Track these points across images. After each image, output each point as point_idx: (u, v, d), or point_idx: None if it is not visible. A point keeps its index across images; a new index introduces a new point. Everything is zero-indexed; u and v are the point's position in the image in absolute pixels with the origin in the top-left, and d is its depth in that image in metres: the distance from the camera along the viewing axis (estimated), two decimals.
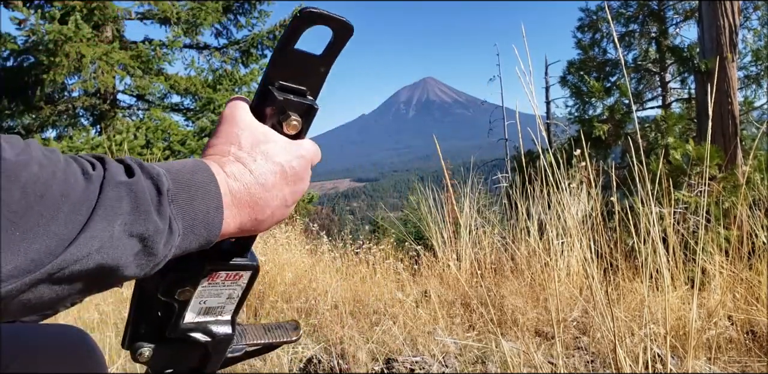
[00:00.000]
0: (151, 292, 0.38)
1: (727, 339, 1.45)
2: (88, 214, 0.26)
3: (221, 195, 0.33)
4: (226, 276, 0.39)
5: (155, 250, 0.29)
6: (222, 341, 0.40)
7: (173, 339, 0.39)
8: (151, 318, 0.39)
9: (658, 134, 5.85)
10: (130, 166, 0.30)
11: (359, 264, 2.40)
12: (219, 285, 0.39)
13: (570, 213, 1.61)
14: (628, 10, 7.32)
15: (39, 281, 0.25)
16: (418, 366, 1.38)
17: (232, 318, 0.41)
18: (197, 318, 0.39)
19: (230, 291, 0.39)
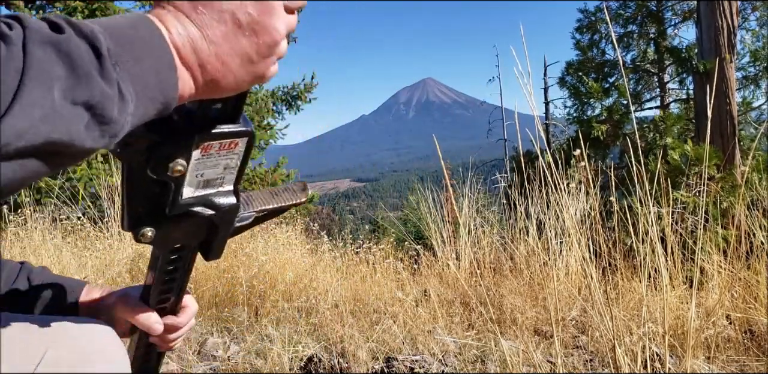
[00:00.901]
0: (141, 171, 0.35)
1: (726, 338, 1.46)
2: (17, 80, 0.22)
3: (171, 51, 0.29)
4: (219, 146, 0.36)
5: (108, 119, 0.26)
6: (228, 212, 0.39)
7: (176, 216, 0.38)
8: (146, 198, 0.37)
9: (656, 134, 5.86)
10: (55, 23, 0.25)
11: (359, 264, 2.40)
12: (214, 156, 0.36)
13: (569, 213, 1.62)
14: (627, 11, 7.33)
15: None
16: (418, 364, 1.38)
17: (235, 187, 0.39)
18: (197, 192, 0.38)
19: (227, 161, 0.37)
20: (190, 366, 1.42)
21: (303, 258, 2.39)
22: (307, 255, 2.49)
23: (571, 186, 1.92)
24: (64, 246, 2.26)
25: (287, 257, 2.27)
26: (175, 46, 0.29)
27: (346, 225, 4.92)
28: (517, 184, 2.30)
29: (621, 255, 1.74)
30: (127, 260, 2.13)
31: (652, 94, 7.68)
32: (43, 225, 2.47)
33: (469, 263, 2.23)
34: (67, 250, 2.21)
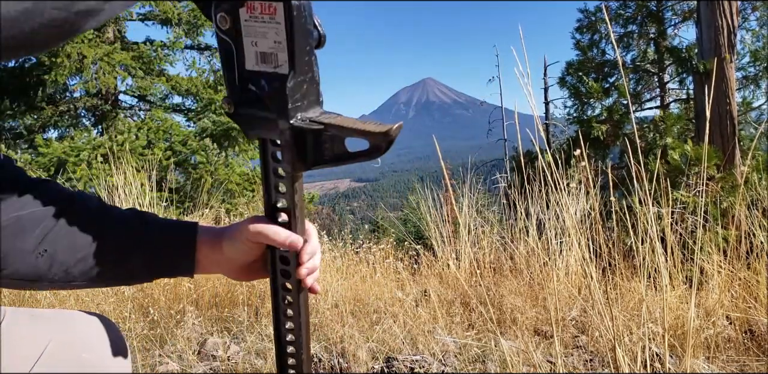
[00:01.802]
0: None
1: (726, 338, 1.46)
2: None
3: None
4: (261, 7, 0.38)
5: None
6: (277, 92, 0.39)
7: (244, 89, 0.40)
8: (224, 61, 0.40)
9: (656, 134, 5.86)
10: None
11: (359, 264, 2.40)
12: (259, 19, 0.38)
13: (569, 213, 1.62)
14: (627, 11, 7.33)
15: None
16: (418, 364, 1.38)
17: (290, 70, 0.39)
18: (257, 67, 0.40)
19: (274, 31, 0.38)
20: (191, 366, 1.43)
21: None
22: None
23: (571, 186, 1.92)
24: None
25: None
26: None
27: (346, 225, 4.93)
28: (517, 184, 2.30)
29: (621, 255, 1.74)
30: None
31: (652, 94, 7.68)
32: None
33: (469, 263, 2.23)
34: None
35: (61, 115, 6.09)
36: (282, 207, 0.45)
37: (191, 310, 1.77)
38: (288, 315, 0.49)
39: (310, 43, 0.40)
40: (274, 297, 0.49)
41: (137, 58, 5.82)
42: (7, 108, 5.65)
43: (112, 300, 1.79)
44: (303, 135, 0.41)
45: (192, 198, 4.65)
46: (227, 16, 0.39)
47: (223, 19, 0.39)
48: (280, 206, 0.45)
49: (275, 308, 0.49)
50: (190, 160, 5.52)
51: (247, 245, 0.46)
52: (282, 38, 0.38)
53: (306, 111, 0.41)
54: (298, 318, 0.50)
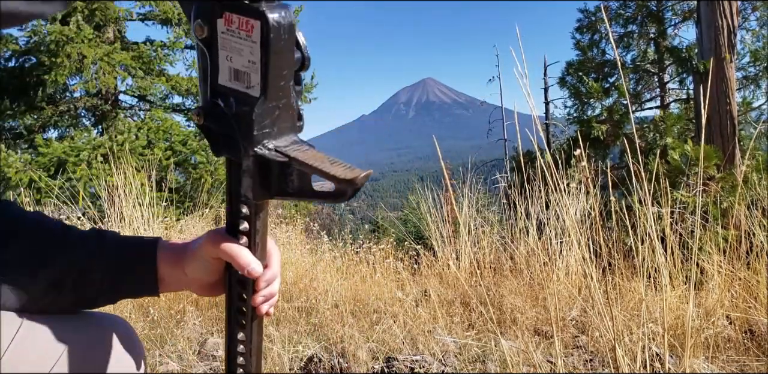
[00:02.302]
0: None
1: (726, 338, 1.46)
2: None
3: None
4: (239, 22, 0.36)
5: None
6: (242, 114, 0.37)
7: (214, 104, 0.38)
8: (201, 70, 0.39)
9: (656, 134, 5.86)
10: None
11: (359, 264, 2.40)
12: (236, 34, 0.36)
13: (568, 213, 1.62)
14: (627, 11, 7.33)
15: None
16: (418, 364, 1.38)
17: (262, 95, 0.37)
18: (229, 83, 0.38)
19: (249, 49, 0.36)
20: (191, 366, 1.43)
21: (303, 258, 2.39)
22: (307, 255, 2.49)
23: (571, 186, 1.92)
24: None
25: (287, 257, 2.27)
26: None
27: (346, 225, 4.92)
28: (517, 184, 2.30)
29: (621, 255, 1.74)
30: None
31: (653, 94, 7.68)
32: None
33: (469, 263, 2.23)
34: None
35: (61, 115, 6.09)
36: (243, 230, 0.43)
37: (191, 310, 1.77)
38: (240, 338, 0.46)
39: (287, 67, 0.37)
40: (228, 319, 0.47)
41: (137, 58, 5.81)
42: (7, 108, 5.65)
43: None
44: (267, 163, 0.39)
45: (192, 198, 4.65)
46: (204, 25, 0.37)
47: (199, 28, 0.38)
48: (241, 229, 0.43)
49: (228, 330, 0.47)
50: (190, 159, 5.52)
51: (210, 262, 0.44)
52: (257, 59, 0.36)
53: (276, 138, 0.39)
54: (249, 344, 0.47)
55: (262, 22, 0.35)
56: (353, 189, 0.36)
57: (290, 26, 0.36)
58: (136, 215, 2.45)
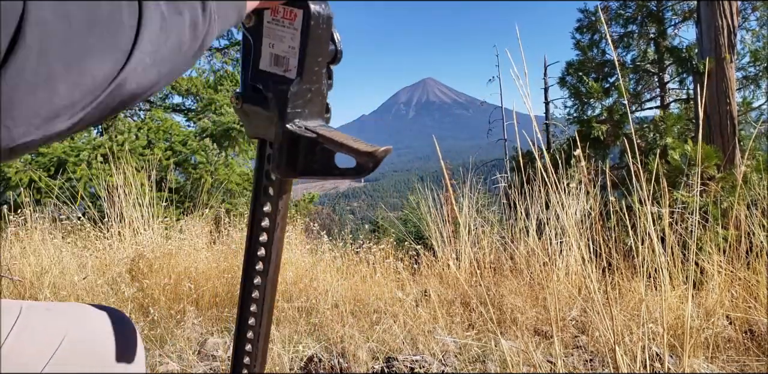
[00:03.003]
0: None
1: (726, 338, 1.46)
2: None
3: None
4: (284, 11, 0.40)
5: (200, 17, 0.30)
6: (280, 92, 0.41)
7: (253, 87, 0.42)
8: (244, 57, 0.43)
9: (656, 134, 5.86)
10: None
11: (359, 264, 2.40)
12: (280, 23, 0.41)
13: (568, 213, 1.62)
14: (627, 11, 7.33)
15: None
16: (418, 364, 1.38)
17: (298, 76, 0.41)
18: (268, 68, 0.42)
19: (290, 35, 0.41)
20: (191, 366, 1.43)
21: (303, 258, 2.39)
22: (307, 255, 2.49)
23: (571, 186, 1.92)
24: (63, 246, 2.27)
25: (287, 257, 2.27)
26: None
27: (346, 225, 4.92)
28: (517, 184, 2.30)
29: (621, 255, 1.74)
30: (127, 260, 2.13)
31: (653, 94, 7.68)
32: (43, 226, 2.47)
33: (469, 263, 2.23)
34: (67, 250, 2.21)
35: None
36: (266, 211, 0.47)
37: (191, 310, 1.77)
38: (249, 337, 0.51)
39: (322, 55, 0.42)
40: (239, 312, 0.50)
41: None
42: None
43: (112, 300, 1.79)
44: (297, 141, 0.42)
45: (192, 198, 4.65)
46: (252, 14, 0.42)
47: (247, 17, 0.42)
48: (265, 210, 0.47)
49: (238, 325, 0.51)
50: (190, 159, 5.52)
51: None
52: (296, 44, 0.41)
53: (305, 119, 0.42)
54: (257, 342, 0.51)
55: (305, 10, 0.40)
56: (374, 162, 0.39)
57: (328, 18, 0.41)
58: (136, 215, 2.45)
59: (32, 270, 1.96)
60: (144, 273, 1.99)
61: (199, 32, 0.31)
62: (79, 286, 1.85)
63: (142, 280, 1.91)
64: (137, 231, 2.42)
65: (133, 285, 1.90)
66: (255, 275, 0.49)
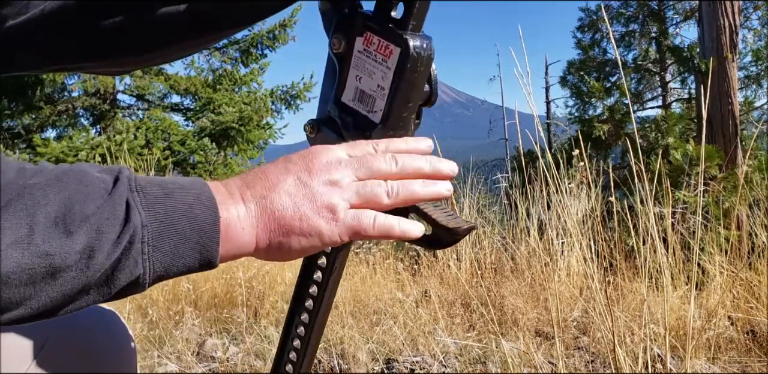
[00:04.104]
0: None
1: (728, 339, 1.45)
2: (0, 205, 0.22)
3: (213, 196, 0.27)
4: (378, 44, 0.35)
5: (100, 247, 0.23)
6: (361, 138, 0.36)
7: (330, 118, 0.38)
8: (328, 82, 0.39)
9: (658, 134, 5.85)
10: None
11: (359, 264, 2.40)
12: (372, 55, 0.35)
13: (570, 214, 1.61)
14: (628, 10, 7.32)
15: None
16: (419, 366, 1.38)
17: (382, 122, 0.36)
18: (352, 103, 0.37)
19: (381, 72, 0.35)
20: (189, 367, 1.42)
21: (302, 258, 2.38)
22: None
23: (571, 186, 1.91)
24: None
25: None
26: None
27: None
28: (518, 184, 2.29)
29: (622, 255, 1.73)
30: None
31: (654, 94, 7.67)
32: None
33: (469, 264, 2.22)
34: None
35: (59, 115, 6.08)
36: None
37: (190, 311, 1.76)
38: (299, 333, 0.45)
39: (414, 100, 0.36)
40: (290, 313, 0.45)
41: None
42: (5, 107, 5.65)
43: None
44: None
45: None
46: (342, 39, 0.37)
47: (337, 41, 0.37)
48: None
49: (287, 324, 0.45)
50: (188, 159, 5.51)
51: None
52: (386, 85, 0.35)
53: None
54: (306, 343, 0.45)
55: (403, 49, 0.34)
56: (452, 238, 0.35)
57: (429, 59, 0.35)
58: None
59: None
60: None
61: (96, 263, 0.23)
62: None
63: None
64: None
65: None
66: (316, 269, 0.43)
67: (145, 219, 0.25)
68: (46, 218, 0.23)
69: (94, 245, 0.23)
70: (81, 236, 0.23)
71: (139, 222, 0.25)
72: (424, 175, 0.34)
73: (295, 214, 0.29)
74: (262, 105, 6.21)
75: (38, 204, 0.23)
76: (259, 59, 6.84)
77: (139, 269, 0.25)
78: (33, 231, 0.22)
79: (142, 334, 1.56)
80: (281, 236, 0.29)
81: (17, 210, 0.22)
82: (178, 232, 0.26)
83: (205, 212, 0.27)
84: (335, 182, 0.31)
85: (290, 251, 0.30)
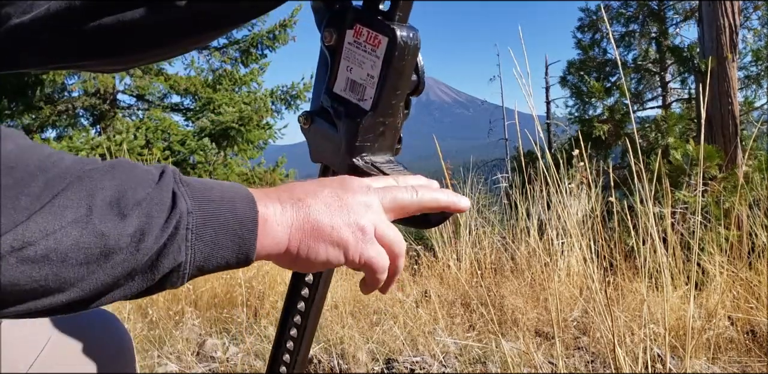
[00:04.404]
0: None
1: (727, 339, 1.45)
2: (63, 187, 0.23)
3: (252, 193, 0.29)
4: (367, 35, 0.37)
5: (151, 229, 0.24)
6: (350, 124, 0.38)
7: (323, 109, 0.40)
8: (319, 76, 0.40)
9: (658, 134, 5.85)
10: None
11: None
12: (362, 46, 0.37)
13: (570, 214, 1.61)
14: (628, 10, 7.32)
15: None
16: (419, 366, 1.38)
17: (372, 110, 0.38)
18: (343, 93, 0.39)
19: (370, 62, 0.37)
20: (189, 367, 1.42)
21: None
22: None
23: (571, 186, 1.91)
24: None
25: None
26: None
27: None
28: (518, 184, 2.29)
29: (622, 255, 1.73)
30: None
31: (654, 94, 7.67)
32: None
33: (469, 264, 2.22)
34: None
35: (59, 115, 6.08)
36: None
37: (190, 311, 1.76)
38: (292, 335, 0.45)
39: (402, 87, 0.39)
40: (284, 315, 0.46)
41: None
42: (5, 108, 5.65)
43: None
44: (360, 176, 0.39)
45: None
46: (333, 32, 0.39)
47: (328, 34, 0.39)
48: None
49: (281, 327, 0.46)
50: (188, 159, 5.51)
51: None
52: (376, 74, 0.37)
53: (374, 154, 0.40)
54: (299, 346, 0.46)
55: (390, 38, 0.36)
56: (441, 216, 0.36)
57: (415, 48, 0.37)
58: None
59: None
60: None
61: (145, 247, 0.24)
62: None
63: None
64: None
65: None
66: (299, 300, 0.45)
67: (190, 207, 0.26)
68: (102, 201, 0.24)
69: (145, 228, 0.24)
70: (133, 219, 0.24)
71: (185, 209, 0.26)
72: (440, 206, 0.36)
73: (328, 222, 0.30)
74: (262, 105, 6.21)
75: (96, 188, 0.24)
76: (259, 59, 6.84)
77: (182, 256, 0.26)
78: (92, 211, 0.23)
79: (142, 334, 1.56)
80: (311, 240, 0.30)
81: (78, 192, 0.23)
82: (219, 223, 0.26)
83: (245, 206, 0.28)
84: (368, 205, 0.32)
85: (315, 260, 0.31)
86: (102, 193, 0.24)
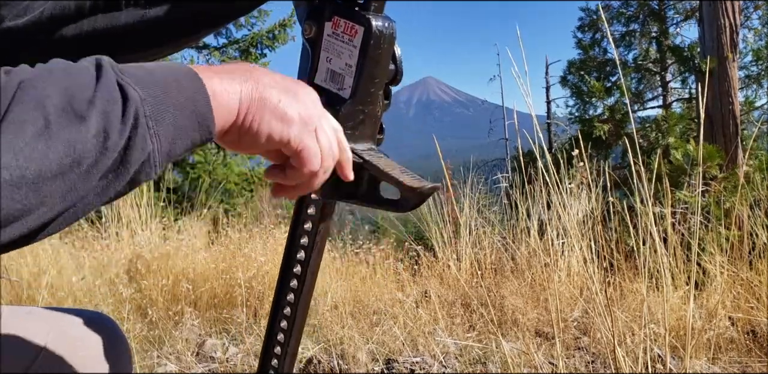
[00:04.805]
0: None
1: (728, 339, 1.45)
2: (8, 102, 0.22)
3: (192, 68, 0.28)
4: (345, 26, 0.38)
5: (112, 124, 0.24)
6: (333, 112, 0.39)
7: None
8: (302, 70, 0.42)
9: (658, 134, 5.84)
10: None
11: (359, 265, 2.39)
12: (340, 37, 0.39)
13: (570, 214, 1.61)
14: (629, 9, 7.31)
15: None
16: (419, 366, 1.37)
17: (351, 98, 0.40)
18: (324, 83, 0.40)
19: (348, 52, 0.39)
20: (189, 367, 1.42)
21: None
22: None
23: (572, 186, 1.91)
24: (61, 246, 2.26)
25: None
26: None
27: (346, 226, 4.92)
28: (518, 184, 2.29)
29: (623, 255, 1.73)
30: (124, 261, 2.13)
31: (655, 94, 7.66)
32: None
33: (469, 264, 2.22)
34: (64, 251, 2.21)
35: None
36: (306, 229, 0.45)
37: (190, 311, 1.76)
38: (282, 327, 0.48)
39: (380, 75, 0.40)
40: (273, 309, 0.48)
41: None
42: None
43: (110, 301, 1.78)
44: None
45: (190, 198, 4.64)
46: (313, 25, 0.40)
47: (308, 27, 0.40)
48: (305, 227, 0.45)
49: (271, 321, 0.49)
50: (187, 159, 5.50)
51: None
52: (353, 63, 0.39)
53: (356, 142, 0.41)
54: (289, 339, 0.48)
55: (366, 28, 0.38)
56: (418, 198, 0.37)
57: (390, 37, 0.39)
58: (134, 215, 2.44)
59: (29, 271, 1.96)
60: (142, 273, 1.99)
61: (111, 144, 0.24)
62: (76, 287, 1.84)
63: (140, 281, 1.90)
64: (135, 231, 2.41)
65: (131, 285, 1.89)
66: (289, 291, 0.48)
67: (142, 94, 0.25)
68: (55, 108, 0.23)
69: (106, 126, 0.24)
70: (92, 120, 0.23)
71: (137, 98, 0.25)
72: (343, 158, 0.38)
73: (276, 97, 0.31)
74: None
75: (42, 96, 0.23)
76: (259, 59, 6.84)
77: (148, 145, 0.25)
78: (49, 121, 0.22)
79: (142, 334, 1.56)
80: (258, 110, 0.30)
81: (27, 103, 0.22)
82: (173, 104, 0.26)
83: (190, 82, 0.28)
84: (315, 103, 0.34)
85: (260, 133, 0.31)
86: (50, 101, 0.23)
